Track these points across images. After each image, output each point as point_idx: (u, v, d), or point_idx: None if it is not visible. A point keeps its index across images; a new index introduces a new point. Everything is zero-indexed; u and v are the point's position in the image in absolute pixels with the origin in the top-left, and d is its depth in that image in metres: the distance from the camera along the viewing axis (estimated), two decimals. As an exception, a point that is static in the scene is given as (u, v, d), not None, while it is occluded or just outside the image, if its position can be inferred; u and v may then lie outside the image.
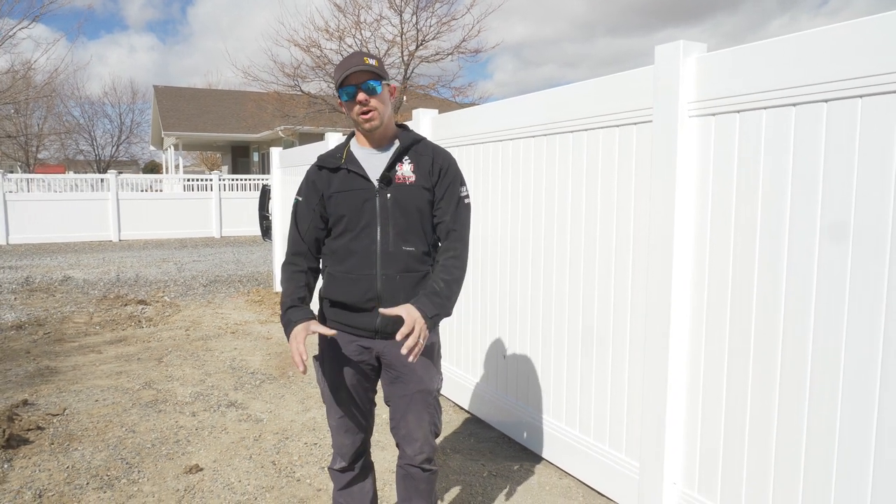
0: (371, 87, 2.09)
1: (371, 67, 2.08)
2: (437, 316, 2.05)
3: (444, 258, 2.18)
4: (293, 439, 3.77)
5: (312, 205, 2.21)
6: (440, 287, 2.10)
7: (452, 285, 2.13)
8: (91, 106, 40.50)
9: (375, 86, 2.09)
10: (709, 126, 2.44)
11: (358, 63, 2.08)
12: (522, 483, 3.24)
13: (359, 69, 2.07)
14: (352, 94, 2.10)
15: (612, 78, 2.88)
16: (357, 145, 2.24)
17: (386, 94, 2.16)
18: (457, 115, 4.16)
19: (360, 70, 2.07)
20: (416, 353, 1.95)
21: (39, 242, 15.37)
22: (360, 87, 2.08)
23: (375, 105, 2.10)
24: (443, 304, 2.08)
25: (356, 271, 2.14)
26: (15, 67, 18.08)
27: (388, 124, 2.20)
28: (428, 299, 2.05)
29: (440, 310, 2.06)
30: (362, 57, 2.11)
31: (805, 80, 2.08)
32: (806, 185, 2.11)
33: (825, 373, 2.08)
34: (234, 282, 9.66)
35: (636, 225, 2.79)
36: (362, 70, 2.07)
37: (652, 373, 2.69)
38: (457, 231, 2.20)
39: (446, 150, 2.29)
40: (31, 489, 3.11)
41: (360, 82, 2.08)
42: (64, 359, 5.43)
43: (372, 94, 2.09)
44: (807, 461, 2.15)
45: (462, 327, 4.21)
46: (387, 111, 2.16)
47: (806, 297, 2.12)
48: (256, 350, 5.77)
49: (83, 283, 9.40)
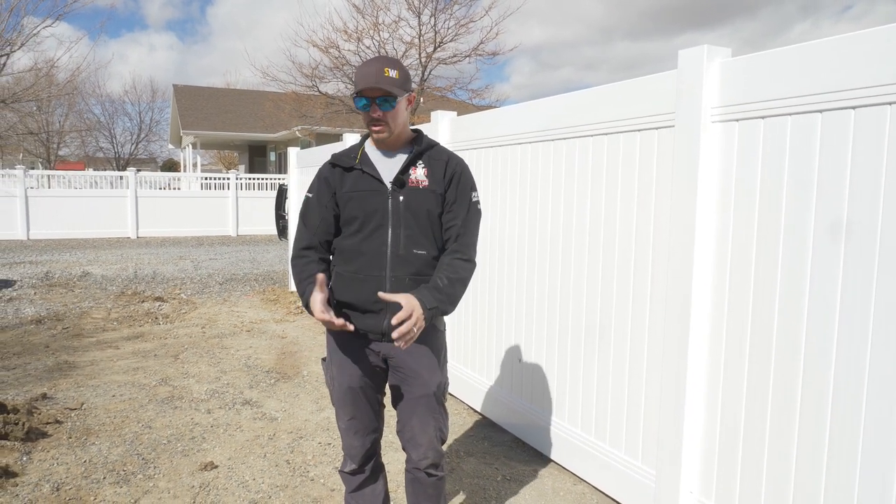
0: (387, 103, 2.08)
1: (388, 84, 2.06)
2: (436, 309, 2.03)
3: (451, 258, 2.17)
4: (307, 438, 3.78)
5: (324, 201, 2.20)
6: (443, 283, 2.09)
7: (456, 284, 2.11)
8: (111, 104, 40.98)
9: (391, 101, 2.09)
10: (732, 132, 2.41)
11: (377, 79, 2.05)
12: (536, 488, 3.23)
13: (374, 87, 2.05)
14: (366, 106, 2.10)
15: (633, 82, 2.86)
16: (371, 147, 2.24)
17: (402, 105, 2.15)
18: (475, 118, 4.15)
19: (376, 87, 2.06)
20: (408, 341, 1.94)
21: (59, 238, 15.57)
22: (374, 102, 2.08)
23: (388, 120, 2.11)
24: (443, 299, 2.06)
25: (364, 272, 2.13)
26: (38, 65, 18.33)
27: (403, 131, 2.20)
28: (429, 292, 2.05)
29: (439, 304, 2.05)
30: (383, 67, 2.07)
31: (832, 86, 2.05)
32: (832, 192, 2.08)
33: (849, 381, 2.05)
34: (249, 280, 9.72)
35: (656, 230, 2.77)
36: (378, 87, 2.06)
37: (669, 379, 2.66)
38: (466, 235, 2.21)
39: (459, 157, 2.30)
40: (49, 482, 3.15)
41: (375, 97, 2.08)
42: (82, 354, 5.49)
43: (386, 109, 2.09)
44: (828, 472, 2.12)
45: (476, 330, 4.20)
46: (400, 122, 2.15)
47: (830, 305, 2.09)
48: (272, 349, 5.79)
49: (101, 279, 9.50)
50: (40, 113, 29.25)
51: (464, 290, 2.15)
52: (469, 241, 2.21)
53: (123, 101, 44.82)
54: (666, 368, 2.68)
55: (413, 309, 1.95)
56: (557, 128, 3.31)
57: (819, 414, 2.14)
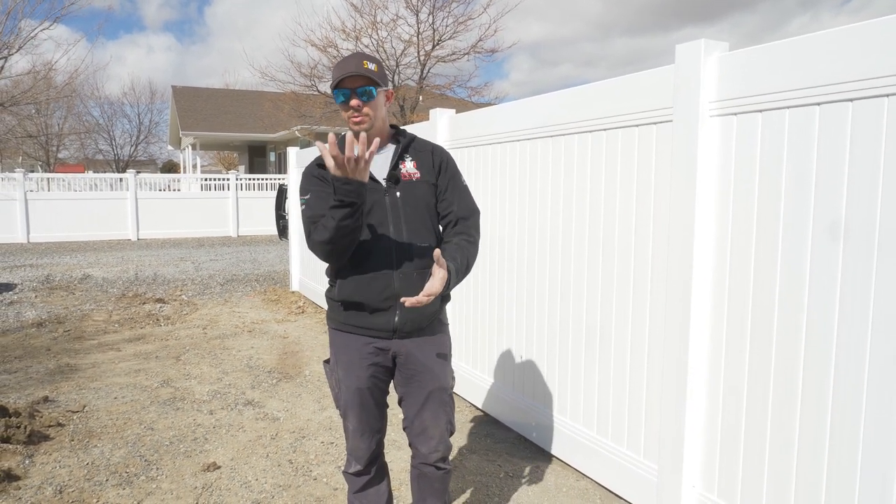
0: (366, 93, 2.07)
1: (368, 73, 2.05)
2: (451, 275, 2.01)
3: (457, 238, 2.17)
4: (310, 438, 3.79)
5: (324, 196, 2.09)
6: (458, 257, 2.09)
7: (464, 264, 2.11)
8: (110, 106, 40.90)
9: (371, 91, 2.07)
10: (730, 125, 2.41)
11: (356, 67, 2.05)
12: (539, 485, 3.23)
13: (355, 74, 2.04)
14: (346, 97, 2.08)
15: (630, 77, 2.85)
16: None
17: (381, 99, 2.14)
18: (474, 115, 4.15)
19: (356, 75, 2.05)
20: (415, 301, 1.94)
21: (59, 241, 15.57)
22: (354, 92, 2.07)
23: (368, 112, 2.09)
24: (459, 269, 2.07)
25: (372, 271, 2.11)
26: (36, 68, 18.34)
27: (382, 127, 2.18)
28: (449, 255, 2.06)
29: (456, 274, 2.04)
30: (362, 60, 2.08)
31: (829, 79, 2.05)
32: (830, 186, 2.08)
33: (850, 373, 2.05)
34: (250, 281, 9.72)
35: (655, 225, 2.77)
36: (358, 75, 2.05)
37: (671, 374, 2.66)
38: (469, 219, 2.22)
39: (440, 146, 2.32)
40: (52, 485, 3.15)
41: (355, 87, 2.06)
42: (84, 356, 5.49)
43: (366, 99, 2.08)
44: (829, 466, 2.12)
45: (476, 326, 4.20)
46: (379, 116, 2.14)
47: (829, 299, 2.09)
48: (273, 349, 5.80)
49: (102, 282, 9.51)
50: (39, 116, 29.25)
51: (468, 270, 2.15)
52: (473, 225, 2.23)
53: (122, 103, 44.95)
54: (667, 363, 2.68)
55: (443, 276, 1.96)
56: (555, 124, 3.30)
57: (820, 405, 2.14)
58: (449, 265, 2.00)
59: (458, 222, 2.20)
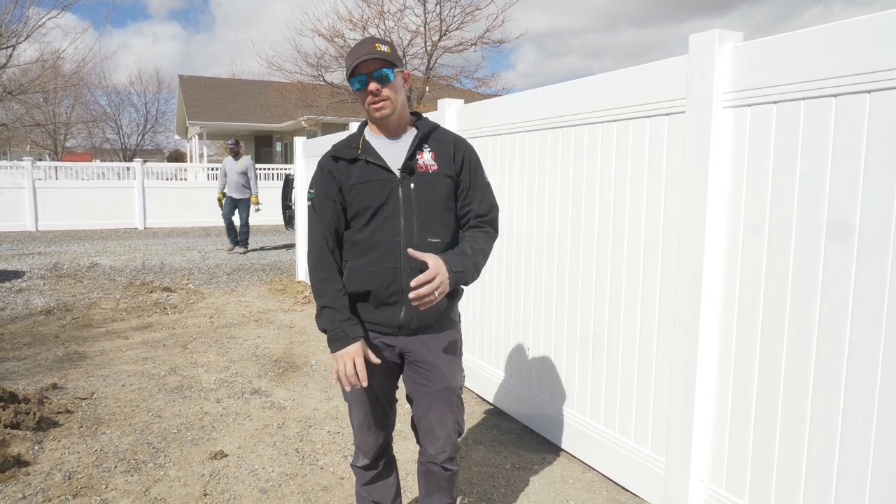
0: (383, 76, 2.01)
1: (382, 55, 1.99)
2: (461, 274, 1.98)
3: (473, 231, 2.14)
4: (316, 427, 3.80)
5: (332, 195, 2.10)
6: (469, 251, 2.05)
7: (479, 255, 2.08)
8: (117, 95, 41.14)
9: (388, 73, 2.01)
10: (744, 117, 2.38)
11: (369, 51, 1.99)
12: (545, 476, 3.23)
13: (370, 57, 1.98)
14: (363, 83, 2.02)
15: (642, 68, 2.82)
16: (372, 134, 2.15)
17: (399, 81, 2.08)
18: (483, 106, 4.13)
19: (372, 58, 1.99)
20: (426, 303, 1.90)
21: (67, 229, 15.62)
22: (371, 76, 2.00)
23: (388, 94, 2.03)
24: (468, 265, 2.01)
25: (379, 264, 2.06)
26: (44, 57, 18.33)
27: (402, 112, 2.12)
28: (456, 256, 2.00)
29: (465, 269, 2.00)
30: (374, 43, 2.02)
31: (847, 70, 2.02)
32: (846, 177, 2.06)
33: (862, 368, 2.03)
34: (257, 270, 9.74)
35: (666, 217, 2.75)
36: (374, 58, 1.99)
37: (680, 367, 2.65)
38: (489, 216, 2.19)
39: (463, 137, 2.25)
40: (61, 471, 3.17)
41: (371, 71, 2.00)
42: (92, 344, 5.52)
43: (384, 82, 2.02)
44: (840, 460, 2.10)
45: (487, 320, 4.19)
46: (399, 99, 2.08)
47: (843, 295, 2.07)
48: (280, 338, 5.81)
49: (110, 270, 9.54)
50: (47, 104, 29.32)
51: (484, 262, 2.11)
52: (492, 221, 2.20)
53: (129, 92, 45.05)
54: (676, 356, 2.67)
55: (438, 271, 1.90)
56: (566, 115, 3.28)
57: (831, 399, 2.12)
58: (446, 259, 1.96)
59: (478, 217, 2.17)
